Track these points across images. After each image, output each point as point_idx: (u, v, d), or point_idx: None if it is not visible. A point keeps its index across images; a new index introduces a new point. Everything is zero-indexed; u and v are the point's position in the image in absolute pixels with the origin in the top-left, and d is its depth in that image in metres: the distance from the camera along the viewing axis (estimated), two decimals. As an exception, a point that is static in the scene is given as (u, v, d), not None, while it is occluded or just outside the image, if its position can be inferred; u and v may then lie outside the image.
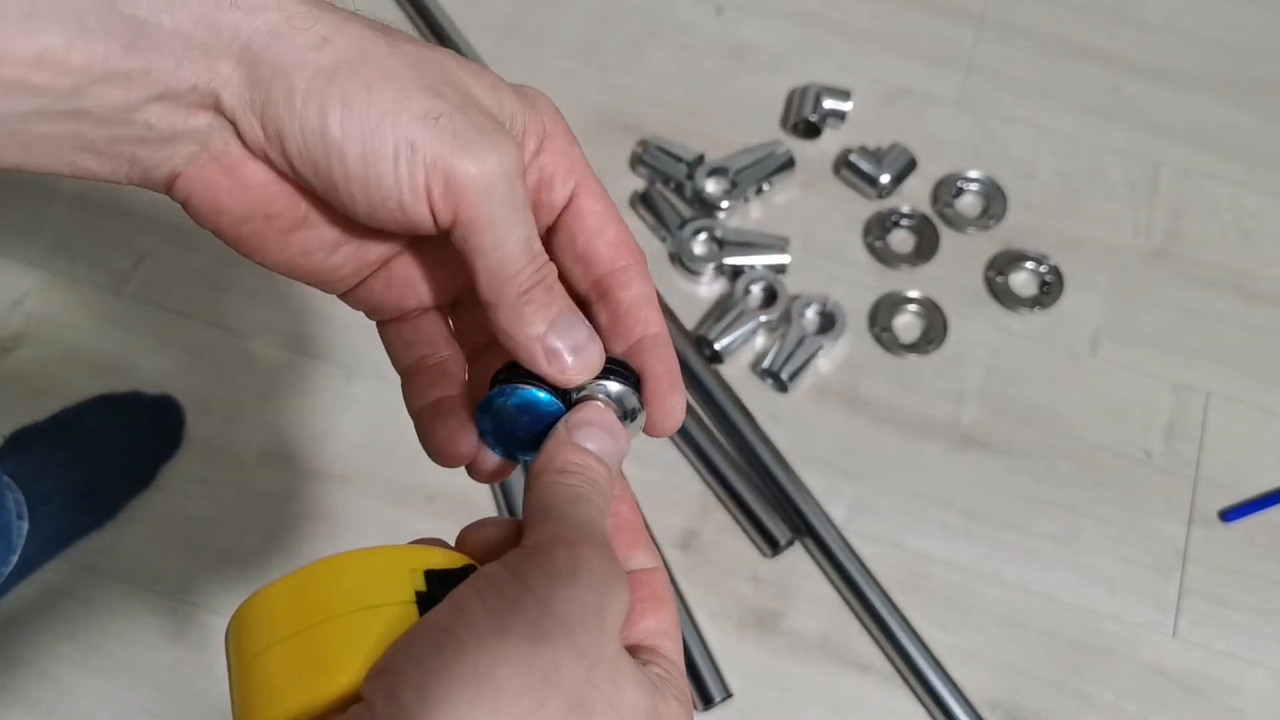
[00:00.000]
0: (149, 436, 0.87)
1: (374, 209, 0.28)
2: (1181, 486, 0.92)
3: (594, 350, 0.31)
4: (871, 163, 1.03)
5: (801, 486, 0.89)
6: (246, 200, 0.30)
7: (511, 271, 0.29)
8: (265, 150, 0.29)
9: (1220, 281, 1.02)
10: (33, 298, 0.95)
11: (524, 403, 0.31)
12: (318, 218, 0.31)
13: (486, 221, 0.28)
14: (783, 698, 0.82)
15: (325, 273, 0.33)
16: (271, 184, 0.30)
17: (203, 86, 0.28)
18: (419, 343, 0.35)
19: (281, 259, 0.32)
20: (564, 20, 1.13)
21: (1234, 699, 0.84)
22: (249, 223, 0.30)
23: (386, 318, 0.35)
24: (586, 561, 0.26)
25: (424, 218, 0.28)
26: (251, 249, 0.31)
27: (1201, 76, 1.14)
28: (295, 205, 0.31)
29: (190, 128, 0.29)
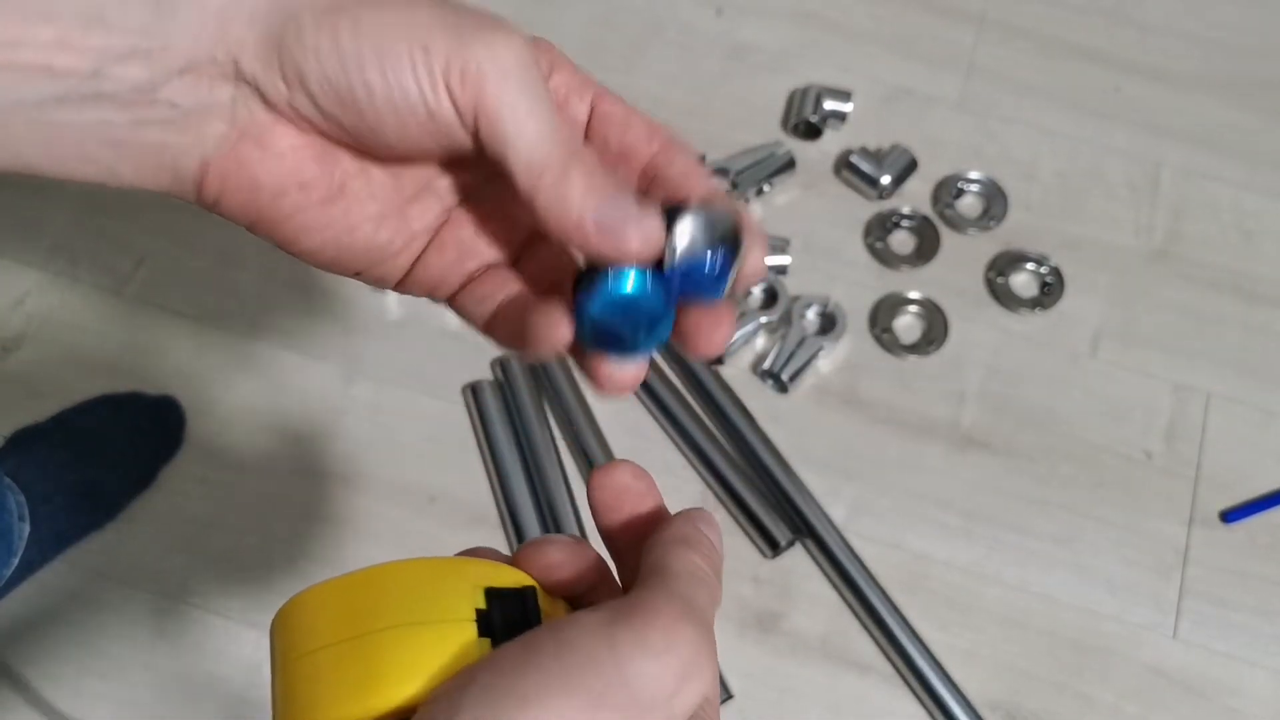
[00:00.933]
0: (149, 437, 0.87)
1: (404, 125, 0.28)
2: (1182, 487, 0.92)
3: (650, 220, 0.28)
4: (872, 164, 1.03)
5: (802, 487, 0.89)
6: (279, 170, 0.30)
7: (544, 152, 0.28)
8: (291, 102, 0.28)
9: (1221, 282, 1.02)
10: (33, 298, 0.95)
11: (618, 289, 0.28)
12: (355, 183, 0.31)
13: (509, 105, 0.28)
14: (783, 698, 0.82)
15: (376, 251, 0.32)
16: (303, 148, 0.30)
17: (222, 55, 0.28)
18: (494, 293, 0.33)
19: (327, 239, 0.31)
20: (564, 20, 1.13)
21: (1234, 700, 0.84)
22: (285, 196, 0.30)
23: (452, 289, 0.34)
24: (682, 640, 0.25)
25: (450, 119, 0.28)
26: (292, 231, 0.31)
27: (1202, 77, 1.14)
28: (330, 169, 0.30)
29: (214, 101, 0.28)
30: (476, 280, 0.33)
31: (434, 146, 0.29)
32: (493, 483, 0.89)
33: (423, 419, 0.91)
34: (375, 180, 0.31)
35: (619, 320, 0.29)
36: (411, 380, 0.93)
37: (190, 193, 0.30)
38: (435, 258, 0.33)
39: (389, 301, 0.96)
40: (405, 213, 0.32)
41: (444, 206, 0.33)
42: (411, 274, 0.33)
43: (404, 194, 0.32)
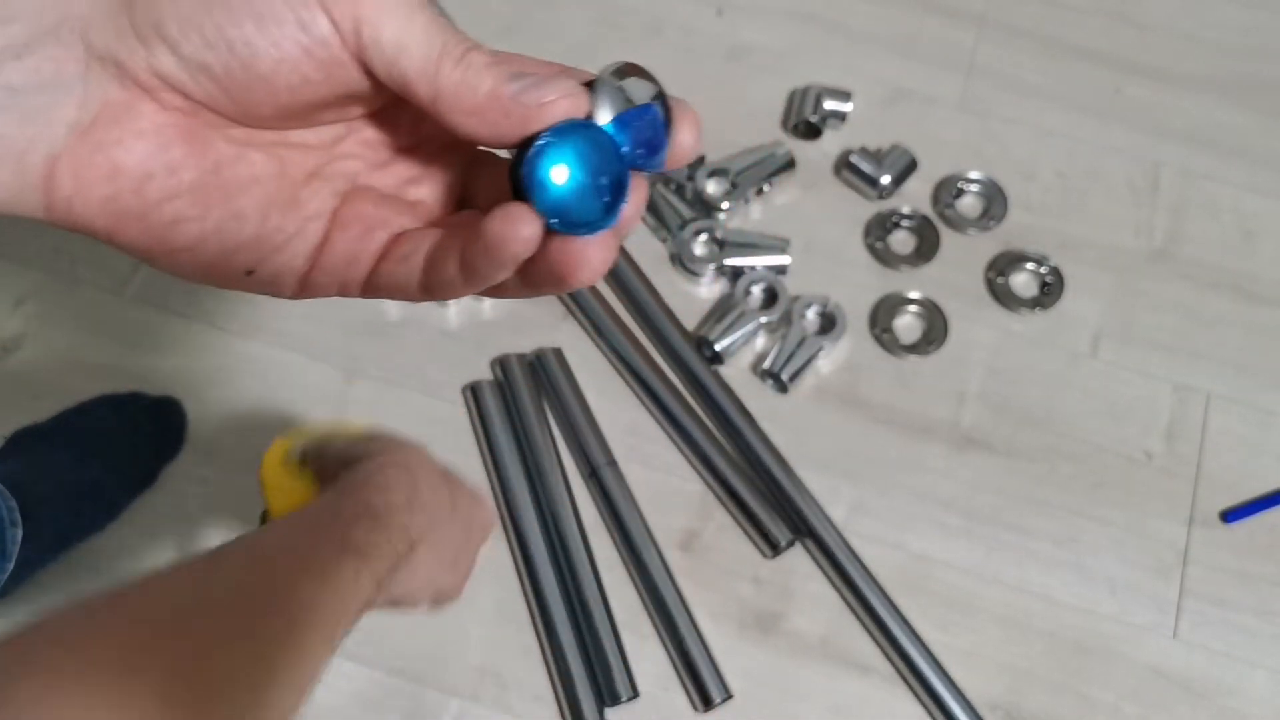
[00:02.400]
0: (150, 437, 0.87)
1: (280, 57, 0.26)
2: (1182, 487, 0.92)
3: (566, 80, 0.26)
4: (872, 164, 1.03)
5: (801, 487, 0.89)
6: (142, 149, 0.27)
7: (437, 46, 0.26)
8: (151, 64, 0.26)
9: (1221, 282, 1.02)
10: (34, 298, 0.95)
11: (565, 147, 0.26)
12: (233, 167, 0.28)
13: (386, 5, 0.26)
14: (783, 698, 0.82)
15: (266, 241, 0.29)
16: (167, 125, 0.27)
17: (65, 34, 0.26)
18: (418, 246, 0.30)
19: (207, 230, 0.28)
20: (564, 21, 1.13)
21: (1234, 700, 0.84)
22: (151, 180, 0.27)
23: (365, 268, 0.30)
24: None
25: (329, 39, 0.26)
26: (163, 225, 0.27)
27: (1202, 77, 1.14)
28: (202, 150, 0.27)
29: (60, 82, 0.26)
30: (392, 247, 0.30)
31: (316, 81, 0.27)
32: (492, 483, 0.89)
33: (423, 419, 0.91)
34: (256, 165, 0.29)
35: (578, 184, 0.26)
36: (411, 380, 0.93)
37: (37, 196, 0.27)
38: (339, 237, 0.30)
39: (389, 302, 0.96)
40: (296, 197, 0.29)
41: (334, 190, 0.30)
42: (318, 264, 0.30)
43: (291, 179, 0.29)
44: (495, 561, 0.86)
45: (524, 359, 0.93)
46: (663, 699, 0.82)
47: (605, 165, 0.26)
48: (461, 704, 0.81)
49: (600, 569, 0.85)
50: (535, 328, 0.96)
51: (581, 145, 0.26)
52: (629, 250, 0.99)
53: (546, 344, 0.94)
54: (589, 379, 0.93)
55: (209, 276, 0.29)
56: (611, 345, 0.94)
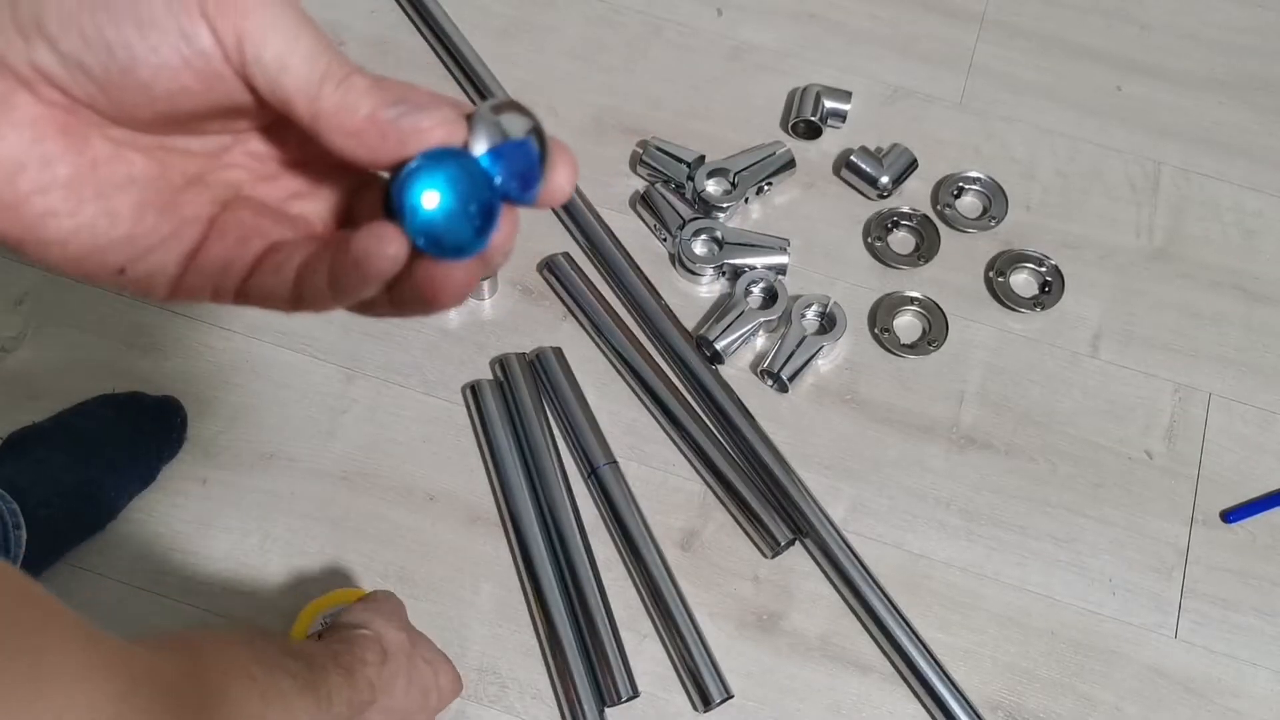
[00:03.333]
0: (150, 437, 0.87)
1: (157, 54, 0.26)
2: (1183, 487, 0.92)
3: (445, 109, 0.27)
4: (872, 163, 1.03)
5: (801, 486, 0.88)
6: (16, 143, 0.26)
7: (321, 67, 0.26)
8: (30, 59, 0.26)
9: (1222, 282, 1.02)
10: (33, 298, 0.95)
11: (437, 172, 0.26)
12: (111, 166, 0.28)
13: (271, 23, 0.26)
14: (783, 698, 0.82)
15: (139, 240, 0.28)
16: (45, 119, 0.27)
17: None
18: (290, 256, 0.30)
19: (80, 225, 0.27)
20: (564, 21, 1.13)
21: (1235, 700, 0.83)
22: (24, 172, 0.26)
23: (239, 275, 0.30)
24: None
25: (210, 52, 0.26)
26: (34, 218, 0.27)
27: (1203, 76, 1.14)
28: (79, 147, 0.27)
29: None
30: (267, 257, 0.30)
31: (196, 91, 0.26)
32: (492, 482, 0.89)
33: (423, 419, 0.91)
34: (135, 166, 0.28)
35: (448, 209, 0.26)
36: (411, 380, 0.93)
37: None
38: (216, 244, 0.30)
39: (389, 301, 0.96)
40: (174, 201, 0.29)
41: (215, 197, 0.30)
42: (191, 267, 0.30)
43: (170, 183, 0.29)
44: (495, 561, 0.86)
45: (524, 358, 0.93)
46: (663, 699, 0.82)
47: (476, 193, 0.27)
48: (461, 704, 0.81)
49: (600, 569, 0.85)
50: (535, 328, 0.96)
51: (454, 172, 0.26)
52: (629, 250, 0.99)
53: (546, 344, 0.94)
54: (589, 379, 0.93)
55: (79, 271, 0.28)
56: (611, 345, 0.94)
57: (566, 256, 0.98)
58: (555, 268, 0.97)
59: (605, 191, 1.02)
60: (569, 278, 0.96)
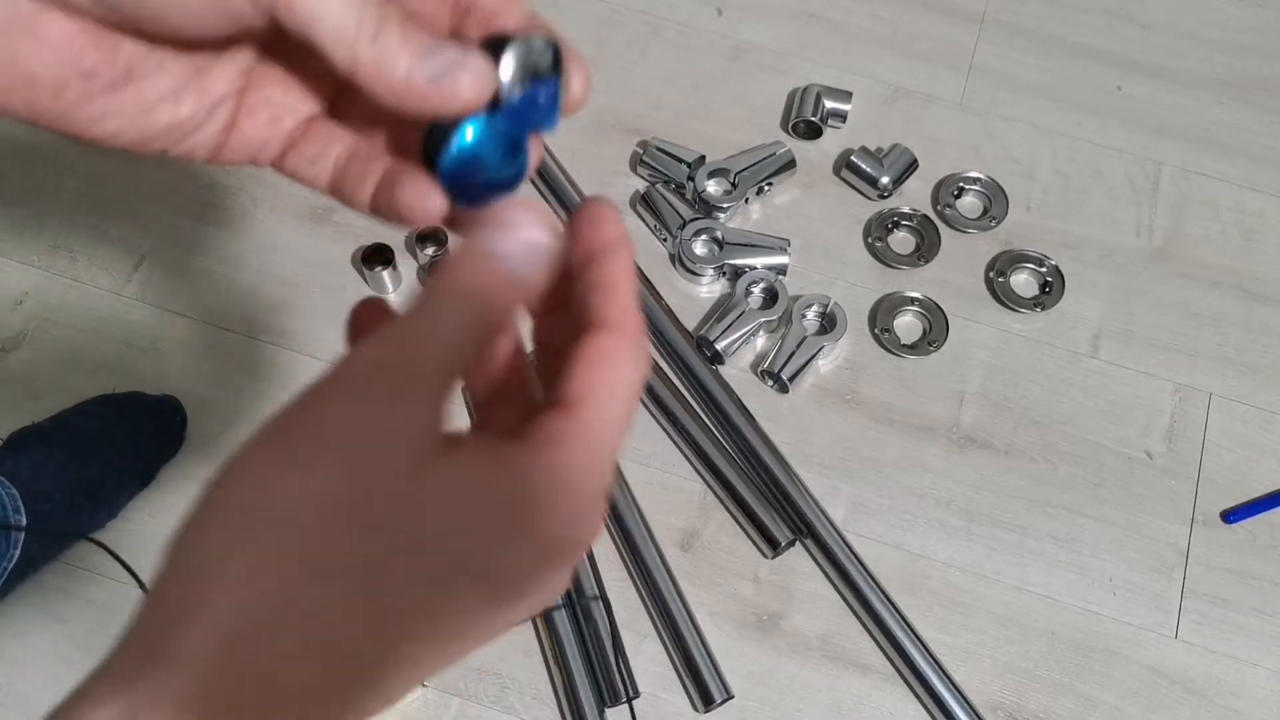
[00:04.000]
0: (150, 437, 0.87)
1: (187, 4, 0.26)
2: (1183, 487, 0.92)
3: (476, 60, 0.27)
4: (872, 163, 1.03)
5: (801, 486, 0.88)
6: (56, 60, 0.27)
7: (353, 18, 0.26)
8: None
9: (1222, 282, 1.02)
10: (33, 298, 0.95)
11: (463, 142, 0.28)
12: (141, 63, 0.29)
13: None
14: (783, 698, 0.82)
15: (178, 129, 0.30)
16: (78, 34, 0.27)
17: None
18: (324, 152, 0.32)
19: (122, 125, 0.29)
20: (564, 21, 1.13)
21: (1236, 701, 0.83)
22: (68, 88, 0.27)
23: (275, 153, 0.32)
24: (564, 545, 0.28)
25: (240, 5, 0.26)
26: (83, 121, 0.28)
27: (1203, 76, 1.14)
28: (112, 54, 0.28)
29: None
30: (301, 139, 0.32)
31: (224, 24, 0.27)
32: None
33: (422, 419, 0.91)
34: (164, 56, 0.29)
35: (476, 171, 0.28)
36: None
37: None
38: (247, 123, 0.31)
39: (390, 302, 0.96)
40: (202, 82, 0.30)
41: (241, 68, 0.31)
42: (226, 144, 0.31)
43: (197, 63, 0.30)
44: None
45: (524, 359, 0.93)
46: (663, 699, 0.82)
47: (508, 144, 0.28)
48: (462, 704, 0.81)
49: (600, 568, 0.85)
50: (535, 327, 0.96)
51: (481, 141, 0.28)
52: (629, 250, 0.99)
53: (546, 344, 0.94)
54: (589, 379, 0.93)
55: (130, 152, 0.30)
56: (611, 345, 0.93)
57: (566, 256, 0.97)
58: (555, 268, 0.97)
59: (605, 191, 1.02)
60: (569, 278, 0.96)
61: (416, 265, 0.98)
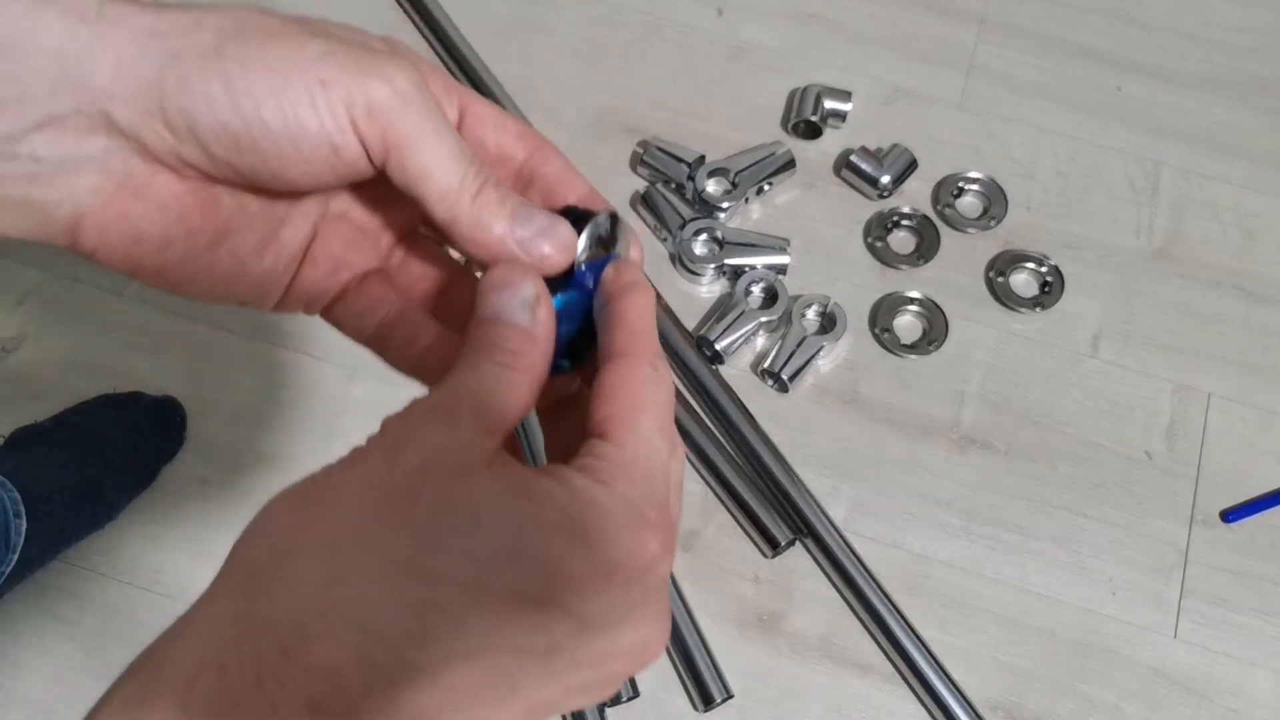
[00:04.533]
0: (150, 437, 0.87)
1: (307, 163, 0.28)
2: (1183, 487, 0.92)
3: (563, 228, 0.30)
4: (872, 163, 1.03)
5: (802, 487, 0.88)
6: (164, 221, 0.28)
7: (458, 178, 0.28)
8: (177, 152, 0.27)
9: (1222, 282, 1.02)
10: (34, 298, 0.95)
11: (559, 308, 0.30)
12: (237, 219, 0.30)
13: (417, 135, 0.28)
14: (783, 698, 0.82)
15: (261, 281, 0.32)
16: (186, 195, 0.29)
17: (87, 107, 0.26)
18: (373, 306, 0.34)
19: (215, 281, 0.30)
20: (564, 21, 1.13)
21: (1235, 700, 0.84)
22: (172, 246, 0.29)
23: (327, 301, 0.34)
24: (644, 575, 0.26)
25: (357, 154, 0.28)
26: (182, 278, 0.30)
27: (1203, 76, 1.14)
28: (214, 213, 0.29)
29: (84, 154, 0.27)
30: (351, 292, 0.34)
31: (334, 180, 0.29)
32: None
33: (423, 419, 0.91)
34: (252, 211, 0.30)
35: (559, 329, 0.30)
36: (412, 380, 0.93)
37: (62, 241, 0.28)
38: (310, 272, 0.33)
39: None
40: (280, 236, 0.32)
41: (311, 224, 0.33)
42: (289, 293, 0.33)
43: (277, 218, 0.31)
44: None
45: (524, 359, 0.93)
46: (663, 699, 0.82)
47: (580, 309, 0.31)
48: (461, 704, 0.81)
49: (600, 569, 0.85)
50: (535, 327, 0.96)
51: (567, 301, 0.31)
52: (629, 250, 0.99)
53: (546, 344, 0.94)
54: (589, 379, 0.93)
55: (212, 302, 0.32)
56: (611, 345, 0.94)
57: (567, 256, 0.97)
58: (555, 268, 0.97)
59: (605, 191, 1.02)
60: (569, 278, 0.96)
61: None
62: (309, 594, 0.23)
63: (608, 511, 0.25)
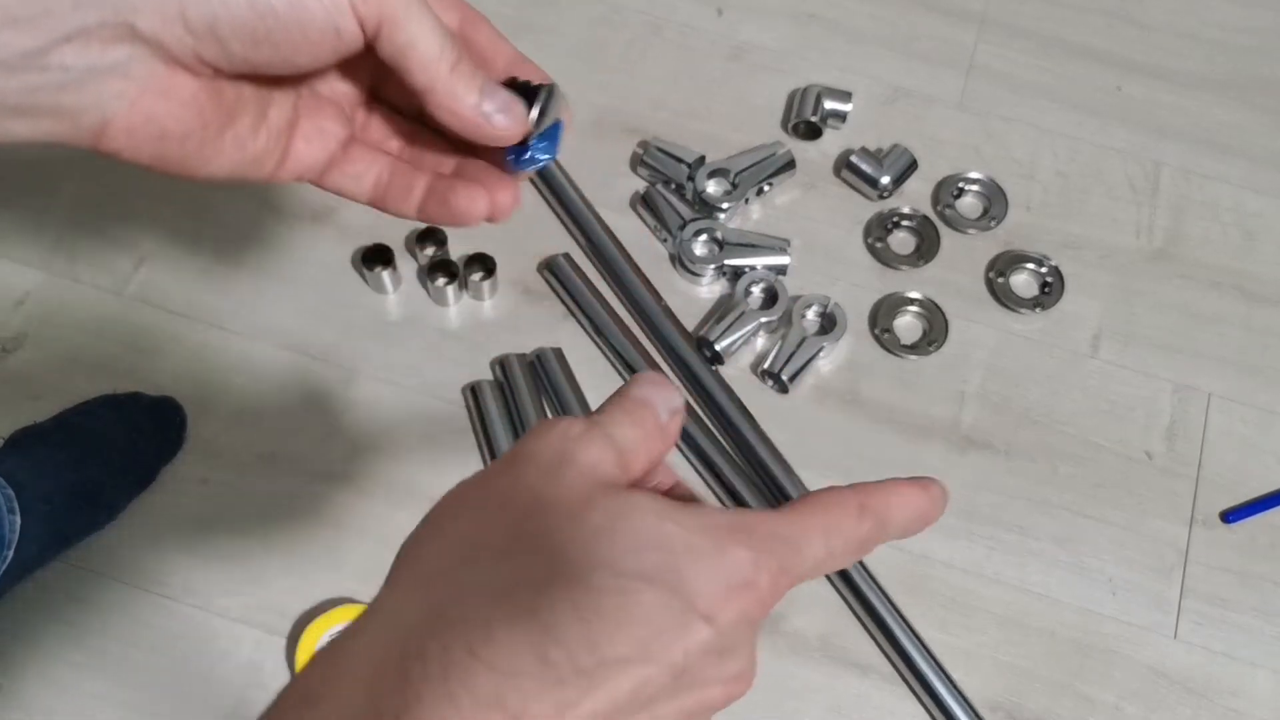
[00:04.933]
0: (150, 437, 0.87)
1: (315, 46, 0.32)
2: (1183, 487, 0.92)
3: (519, 106, 0.36)
4: (872, 164, 1.03)
5: (802, 487, 0.88)
6: (184, 117, 0.32)
7: (438, 52, 0.33)
8: (198, 52, 0.31)
9: (1222, 282, 1.02)
10: (33, 298, 0.95)
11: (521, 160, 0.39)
12: (240, 106, 0.35)
13: (405, 12, 0.32)
14: (782, 698, 0.82)
15: (258, 157, 0.36)
16: (200, 91, 0.33)
17: (112, 19, 0.29)
18: (365, 168, 0.39)
19: (223, 164, 0.35)
20: (565, 21, 1.13)
21: (1236, 701, 0.84)
22: (190, 138, 0.33)
23: (320, 169, 0.39)
24: None
25: (355, 34, 0.32)
26: (197, 164, 0.34)
27: (1203, 76, 1.14)
28: (221, 103, 0.34)
29: (109, 62, 0.30)
30: (341, 160, 0.39)
31: (333, 59, 0.33)
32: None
33: (423, 419, 0.91)
34: (247, 97, 0.35)
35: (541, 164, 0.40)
36: (411, 380, 0.93)
37: (87, 143, 0.32)
38: (301, 146, 0.38)
39: (389, 302, 0.96)
40: (267, 116, 0.36)
41: (292, 102, 0.38)
42: (283, 166, 0.38)
43: (266, 100, 0.36)
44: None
45: (524, 359, 0.93)
46: (663, 699, 0.82)
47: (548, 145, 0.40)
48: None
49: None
50: (535, 328, 0.96)
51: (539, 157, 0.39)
52: (629, 250, 0.99)
53: (546, 344, 0.94)
54: (589, 379, 0.93)
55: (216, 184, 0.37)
56: (611, 345, 0.94)
57: (566, 257, 0.98)
58: (555, 268, 0.97)
59: (605, 192, 1.02)
60: (569, 278, 0.96)
61: (416, 266, 0.98)
62: (492, 597, 0.24)
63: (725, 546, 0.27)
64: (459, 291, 0.96)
